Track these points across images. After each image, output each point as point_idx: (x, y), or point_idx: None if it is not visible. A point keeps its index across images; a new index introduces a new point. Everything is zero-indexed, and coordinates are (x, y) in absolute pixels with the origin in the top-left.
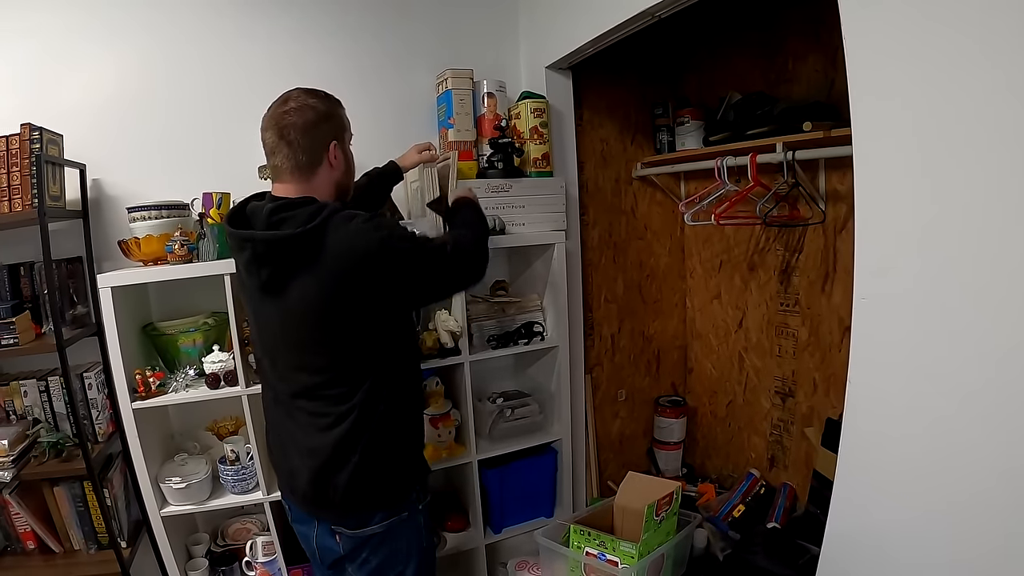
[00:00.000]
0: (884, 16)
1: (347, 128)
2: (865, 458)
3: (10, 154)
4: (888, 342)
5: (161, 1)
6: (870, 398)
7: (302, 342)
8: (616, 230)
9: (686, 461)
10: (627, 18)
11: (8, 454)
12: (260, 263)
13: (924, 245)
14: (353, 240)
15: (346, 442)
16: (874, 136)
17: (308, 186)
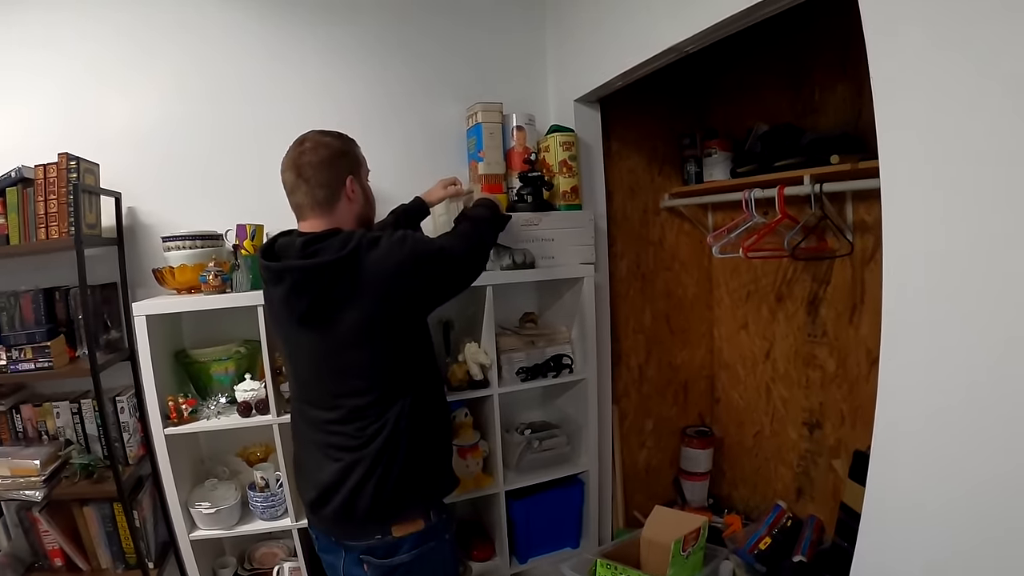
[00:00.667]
0: (910, 51)
1: (362, 163)
2: (893, 493)
3: (47, 182)
4: (916, 376)
5: (197, 32)
6: (898, 433)
7: (344, 368)
8: (644, 260)
9: (712, 492)
10: (655, 53)
11: (40, 474)
12: (299, 293)
13: (954, 280)
14: (387, 259)
15: (382, 454)
16: (900, 171)
17: (331, 219)
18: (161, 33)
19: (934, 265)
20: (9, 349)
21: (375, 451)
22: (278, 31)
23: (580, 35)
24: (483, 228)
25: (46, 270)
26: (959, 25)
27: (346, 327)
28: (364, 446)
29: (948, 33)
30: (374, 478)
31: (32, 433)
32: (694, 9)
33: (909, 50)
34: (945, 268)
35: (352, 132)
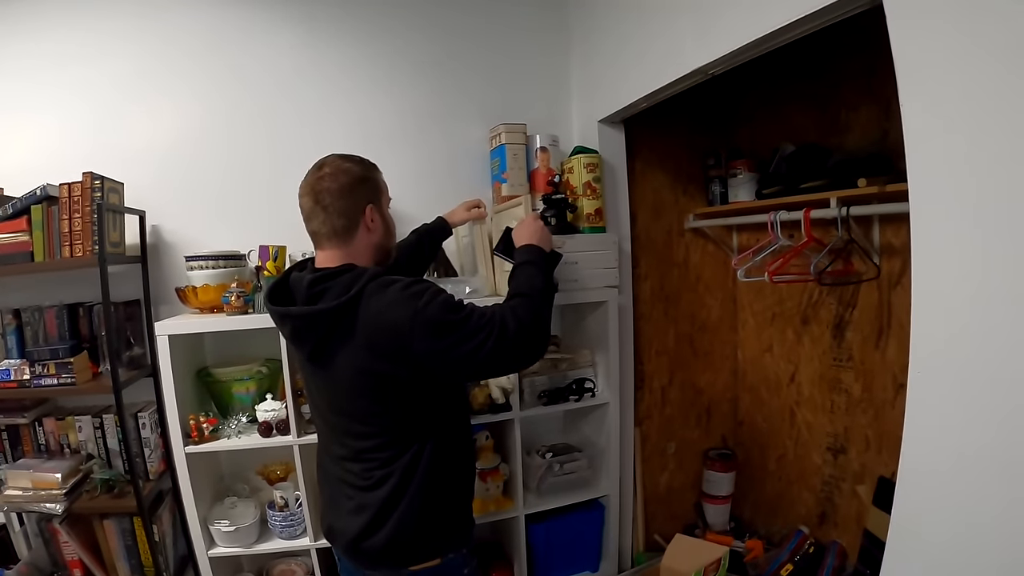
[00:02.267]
0: (941, 70)
1: (384, 191)
2: (919, 525)
3: (72, 201)
4: (945, 406)
5: (223, 54)
6: (925, 464)
7: (347, 411)
8: (668, 282)
9: (734, 515)
10: (680, 75)
11: (61, 487)
12: (300, 338)
13: (986, 307)
14: (385, 311)
15: (390, 502)
16: (930, 194)
17: (347, 251)
18: (187, 55)
19: (964, 291)
20: (33, 364)
21: (382, 498)
22: (303, 53)
23: (605, 56)
24: (537, 302)
25: (70, 286)
26: (993, 43)
27: (342, 372)
28: (371, 489)
29: (981, 52)
30: (384, 526)
31: (54, 446)
32: (719, 32)
33: (939, 69)
34: (976, 295)
35: (376, 151)
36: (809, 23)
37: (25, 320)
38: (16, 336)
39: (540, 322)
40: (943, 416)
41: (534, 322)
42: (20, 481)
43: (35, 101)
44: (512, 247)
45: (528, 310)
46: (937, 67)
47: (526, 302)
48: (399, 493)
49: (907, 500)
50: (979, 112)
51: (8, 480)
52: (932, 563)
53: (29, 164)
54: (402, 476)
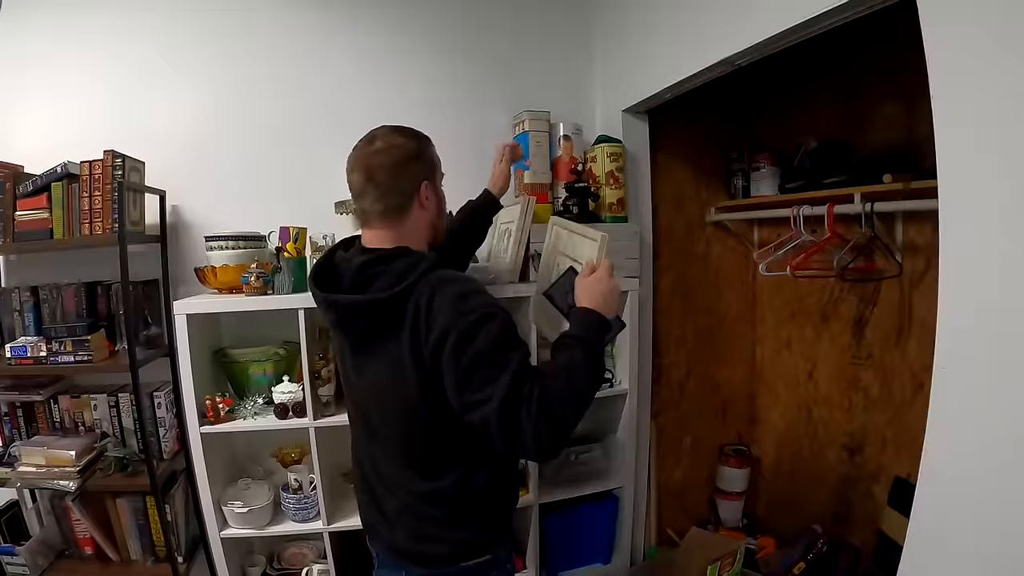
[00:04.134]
0: (974, 75)
1: (438, 166)
2: (938, 529)
3: (93, 179)
4: (969, 408)
5: (241, 33)
6: (946, 468)
7: (388, 407)
8: (688, 275)
9: (747, 512)
10: (706, 66)
11: (75, 465)
12: (347, 326)
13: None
14: (435, 312)
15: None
16: (960, 192)
17: (400, 231)
18: (211, 37)
19: (992, 291)
20: (50, 341)
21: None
22: (326, 37)
23: (630, 45)
24: (572, 404)
25: (88, 264)
26: None
27: (387, 363)
28: (402, 495)
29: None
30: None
31: (69, 424)
32: (747, 22)
33: (973, 71)
34: (1003, 295)
35: None
36: (837, 15)
37: (43, 297)
38: (34, 313)
39: (562, 431)
40: (967, 420)
41: (555, 432)
42: (34, 458)
43: (58, 80)
44: (568, 297)
45: (566, 399)
46: (970, 68)
47: (566, 385)
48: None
49: (927, 503)
50: (1013, 113)
51: (22, 456)
52: (952, 570)
53: (51, 143)
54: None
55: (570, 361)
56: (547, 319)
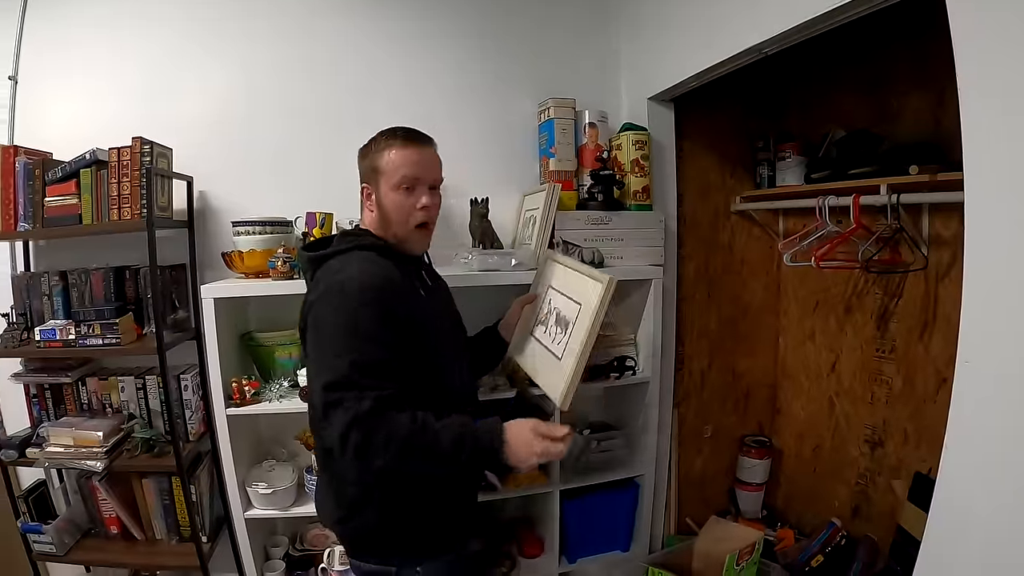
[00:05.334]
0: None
1: (383, 173)
2: (957, 525)
3: (121, 165)
4: (992, 402)
5: (270, 18)
6: (968, 462)
7: None
8: (712, 264)
9: (766, 503)
10: (733, 53)
11: (102, 445)
12: None
13: None
14: (324, 278)
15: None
16: (986, 184)
17: (364, 216)
18: (238, 23)
19: (1018, 285)
20: (79, 324)
21: (325, 480)
22: (356, 24)
23: (655, 33)
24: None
25: (116, 249)
26: None
27: None
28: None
29: None
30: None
31: (97, 405)
32: (774, 11)
33: (1000, 56)
34: None
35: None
36: (863, 4)
37: (71, 281)
38: (62, 297)
39: (369, 456)
40: (989, 414)
41: (362, 451)
42: (62, 438)
43: (86, 67)
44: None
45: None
46: (999, 58)
47: (398, 446)
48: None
49: (947, 498)
50: None
51: (51, 437)
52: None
53: (78, 130)
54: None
55: (438, 433)
56: (533, 358)
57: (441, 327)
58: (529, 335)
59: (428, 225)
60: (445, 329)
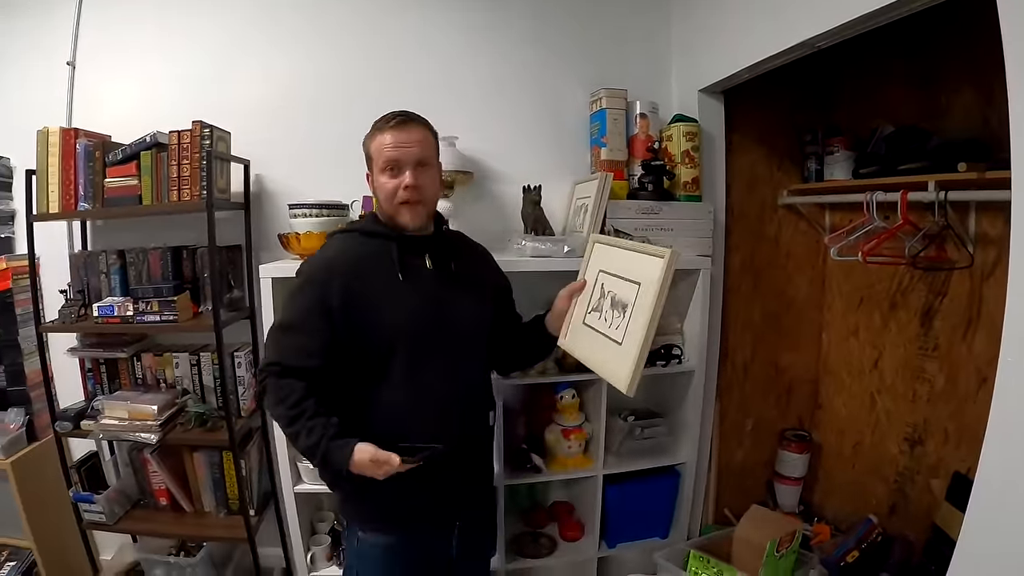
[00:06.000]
0: None
1: (371, 158)
2: (994, 524)
3: (181, 148)
4: None
5: (335, 11)
6: (1007, 462)
7: None
8: (758, 256)
9: (804, 498)
10: (786, 47)
11: (156, 418)
12: None
13: None
14: None
15: None
16: None
17: None
18: (296, 10)
19: None
20: (136, 301)
21: None
22: (412, 11)
23: (707, 26)
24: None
25: (172, 230)
26: None
27: None
28: None
29: None
30: None
31: (151, 380)
32: (830, 4)
33: None
34: None
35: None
36: (915, 1)
37: (129, 260)
38: (120, 275)
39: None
40: None
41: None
42: (117, 411)
43: (142, 52)
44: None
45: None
46: None
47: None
48: None
49: (984, 499)
50: None
51: (106, 410)
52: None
53: (134, 113)
54: None
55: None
56: (590, 347)
57: (413, 314)
58: (582, 324)
59: (411, 202)
60: (422, 317)
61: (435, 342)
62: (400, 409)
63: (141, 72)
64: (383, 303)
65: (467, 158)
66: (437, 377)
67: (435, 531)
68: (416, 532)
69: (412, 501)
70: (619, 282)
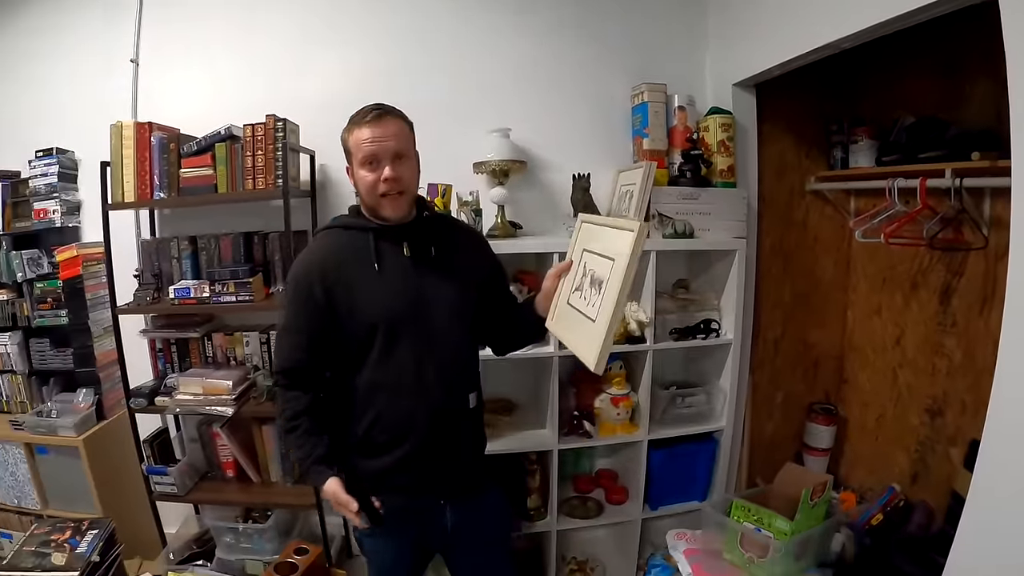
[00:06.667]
0: None
1: (353, 155)
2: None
3: (255, 140)
4: None
5: (401, 11)
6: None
7: None
8: (787, 240)
9: (830, 469)
10: (812, 48)
11: (230, 393)
12: None
13: None
14: None
15: None
16: None
17: None
18: (360, 7)
19: None
20: (212, 283)
21: None
22: (466, 12)
23: (741, 25)
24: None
25: (238, 216)
26: None
27: None
28: None
29: None
30: None
31: (220, 358)
32: (853, 9)
33: None
34: None
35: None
36: (932, 10)
37: (200, 246)
38: (191, 260)
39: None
40: None
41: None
42: (192, 387)
43: (207, 47)
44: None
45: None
46: None
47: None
48: None
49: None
50: None
51: (180, 386)
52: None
53: (197, 106)
54: None
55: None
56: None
57: (386, 302)
58: (566, 304)
59: (391, 194)
60: (394, 305)
61: (407, 328)
62: (375, 393)
63: (203, 67)
64: (359, 293)
65: (520, 148)
66: (410, 361)
67: (422, 509)
68: (404, 508)
69: (394, 480)
70: (597, 259)
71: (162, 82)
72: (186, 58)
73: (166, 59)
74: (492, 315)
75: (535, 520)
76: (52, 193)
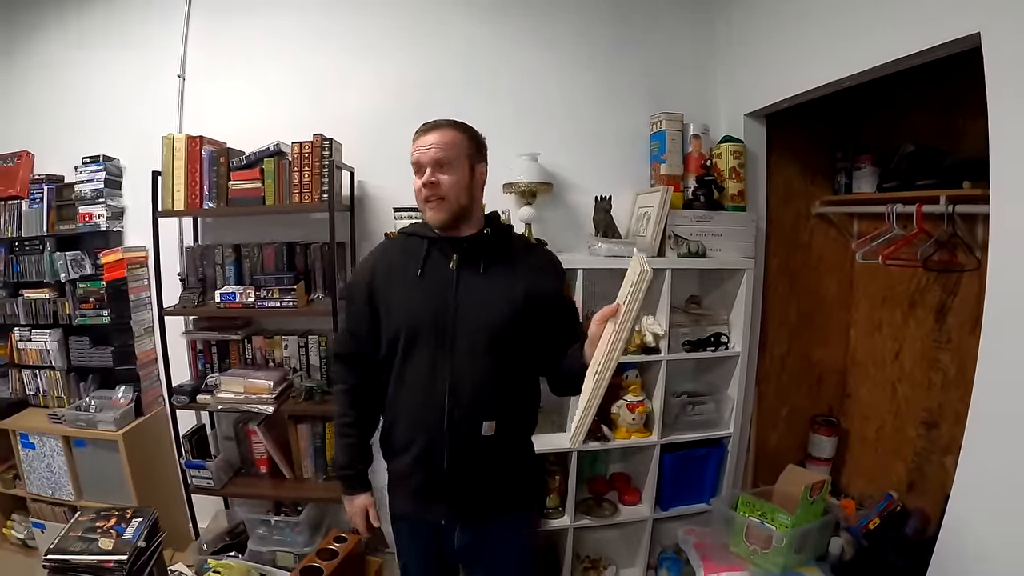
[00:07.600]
0: None
1: None
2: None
3: (302, 157)
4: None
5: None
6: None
7: None
8: (793, 260)
9: (832, 478)
10: (818, 85)
11: (271, 392)
12: None
13: None
14: None
15: None
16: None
17: None
18: (399, 30)
19: None
20: (258, 289)
21: None
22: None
23: (753, 60)
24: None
25: (280, 228)
26: None
27: None
28: None
29: None
30: None
31: (260, 360)
32: (853, 53)
33: None
34: None
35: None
36: (924, 56)
37: (244, 254)
38: (234, 267)
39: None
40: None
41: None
42: (233, 386)
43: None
44: None
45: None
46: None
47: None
48: None
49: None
50: None
51: (222, 385)
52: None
53: (240, 122)
54: None
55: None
56: None
57: (413, 309)
58: None
59: (431, 200)
60: (420, 314)
61: (427, 337)
62: (397, 394)
63: (248, 80)
64: (394, 298)
65: (547, 171)
66: (424, 369)
67: (429, 523)
68: (414, 519)
69: (407, 483)
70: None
71: (205, 95)
72: (230, 74)
73: (211, 72)
74: (542, 346)
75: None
76: (98, 198)
